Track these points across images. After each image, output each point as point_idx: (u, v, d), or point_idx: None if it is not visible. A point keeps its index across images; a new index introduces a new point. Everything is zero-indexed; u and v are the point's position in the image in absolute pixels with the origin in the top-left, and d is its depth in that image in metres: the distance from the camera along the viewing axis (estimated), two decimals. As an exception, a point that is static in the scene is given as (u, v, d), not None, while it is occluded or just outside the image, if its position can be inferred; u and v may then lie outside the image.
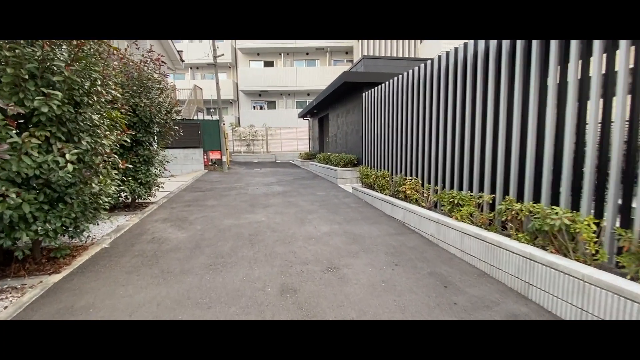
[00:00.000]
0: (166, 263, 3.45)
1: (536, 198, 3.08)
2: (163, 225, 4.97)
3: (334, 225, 4.83)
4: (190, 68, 25.22)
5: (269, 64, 23.63)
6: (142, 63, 5.55)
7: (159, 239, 4.30)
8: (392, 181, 5.79)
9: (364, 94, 7.28)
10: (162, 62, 15.69)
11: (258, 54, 23.69)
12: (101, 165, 3.24)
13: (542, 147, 3.02)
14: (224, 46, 22.18)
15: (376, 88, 6.63)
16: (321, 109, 13.77)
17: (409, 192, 4.95)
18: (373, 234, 4.43)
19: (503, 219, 3.18)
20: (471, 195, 3.77)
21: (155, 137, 6.12)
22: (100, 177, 3.30)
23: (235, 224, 5.00)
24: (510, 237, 3.07)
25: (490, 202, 3.52)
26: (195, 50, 22.56)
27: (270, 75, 21.96)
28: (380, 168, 6.51)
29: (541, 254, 2.62)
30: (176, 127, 6.39)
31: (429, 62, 4.77)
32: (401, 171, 5.62)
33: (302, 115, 17.16)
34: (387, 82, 6.12)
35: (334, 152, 11.90)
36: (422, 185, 4.96)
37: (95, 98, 3.15)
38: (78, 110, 2.98)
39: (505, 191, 3.40)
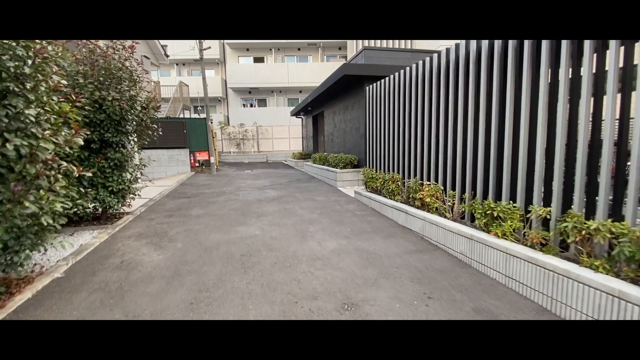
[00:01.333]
0: (133, 302, 2.65)
1: (615, 214, 2.41)
2: (137, 243, 4.15)
3: (341, 240, 4.10)
4: (177, 64, 24.07)
5: (259, 60, 22.69)
6: (111, 49, 4.68)
7: (130, 263, 3.49)
8: (405, 186, 5.08)
9: (367, 88, 6.55)
10: (145, 56, 14.58)
11: (247, 50, 22.73)
12: (42, 175, 2.42)
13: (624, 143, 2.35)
14: (212, 41, 21.15)
15: (382, 81, 5.92)
16: (316, 106, 13.01)
17: (428, 199, 4.25)
18: (390, 251, 3.71)
19: (569, 240, 2.49)
20: (514, 207, 3.08)
21: (130, 138, 5.26)
22: (42, 191, 2.48)
23: (225, 239, 4.21)
24: (579, 263, 2.39)
25: (545, 216, 2.83)
26: (181, 45, 21.46)
27: (260, 72, 21.04)
28: (388, 170, 5.81)
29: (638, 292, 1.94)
30: (154, 126, 5.54)
31: (452, 48, 4.07)
32: (415, 175, 4.92)
33: (295, 113, 16.35)
34: (395, 75, 5.41)
35: (331, 151, 11.17)
36: (444, 192, 4.26)
37: (30, 85, 2.32)
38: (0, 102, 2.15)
39: (566, 204, 2.72)
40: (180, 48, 21.03)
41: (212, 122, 13.55)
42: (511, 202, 3.17)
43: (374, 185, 6.07)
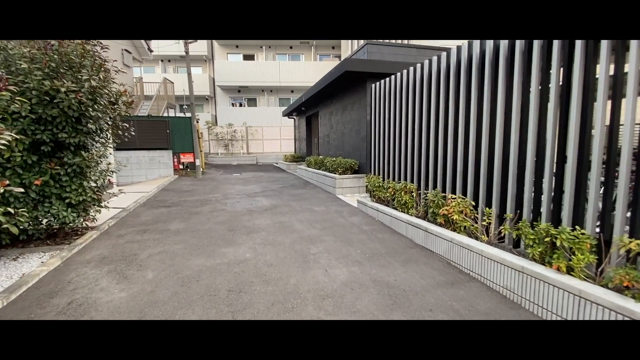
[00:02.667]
0: (70, 378, 1.82)
1: None
2: (96, 271, 3.29)
3: (352, 267, 3.35)
4: (161, 60, 22.93)
5: (249, 58, 21.78)
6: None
7: (81, 304, 2.65)
8: (422, 198, 4.38)
9: (372, 86, 5.84)
10: (126, 50, 13.58)
11: (237, 46, 21.80)
12: None
13: None
14: (199, 37, 20.12)
15: (390, 79, 5.22)
16: (310, 106, 12.26)
17: (455, 217, 3.54)
18: (415, 283, 2.98)
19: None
20: (582, 234, 2.40)
21: (97, 138, 4.38)
22: None
23: (208, 266, 3.40)
24: None
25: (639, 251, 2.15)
26: (166, 40, 20.35)
27: (250, 70, 20.14)
28: (399, 178, 5.10)
29: None
30: (125, 125, 4.67)
31: (476, 42, 3.39)
32: (435, 185, 4.22)
33: (288, 114, 15.55)
34: (409, 70, 4.72)
35: (327, 154, 10.43)
36: (475, 208, 3.57)
37: None
38: None
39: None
40: (165, 43, 19.95)
41: (198, 122, 12.63)
42: (577, 228, 2.48)
43: (381, 195, 5.36)
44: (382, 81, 5.47)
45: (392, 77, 5.13)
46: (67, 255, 3.68)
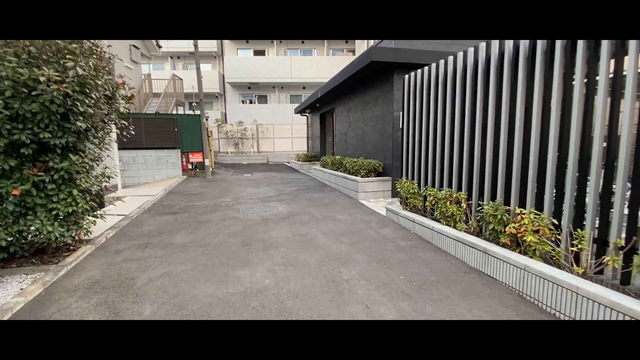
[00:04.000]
0: None
1: None
2: (82, 304, 2.66)
3: (399, 302, 2.64)
4: (171, 57, 22.51)
5: (259, 53, 21.14)
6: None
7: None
8: (477, 211, 3.64)
9: (405, 77, 5.09)
10: (134, 45, 13.11)
11: (247, 42, 21.18)
12: None
13: None
14: (208, 32, 19.56)
15: (428, 68, 4.47)
16: (326, 102, 11.53)
17: (529, 238, 2.80)
18: (488, 329, 2.25)
19: None
20: None
21: (92, 138, 3.77)
22: None
23: (219, 297, 2.74)
24: None
25: None
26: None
27: (261, 66, 19.50)
28: (440, 184, 4.35)
29: None
30: (124, 122, 4.05)
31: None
32: (494, 196, 3.47)
33: (300, 111, 14.87)
34: (454, 57, 3.96)
35: (344, 154, 9.71)
36: (557, 227, 2.82)
37: None
38: None
39: None
40: (175, 40, 19.46)
41: (207, 120, 12.05)
42: None
43: (417, 204, 4.63)
44: (419, 71, 4.72)
45: (433, 65, 4.38)
46: (51, 279, 3.07)
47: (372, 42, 16.37)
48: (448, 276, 3.13)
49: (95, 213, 3.90)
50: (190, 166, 11.60)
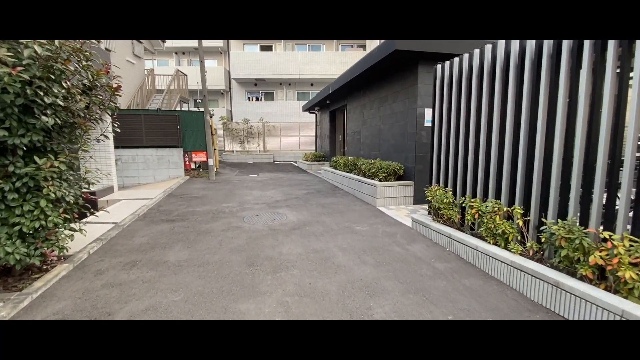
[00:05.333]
0: None
1: None
2: (37, 355, 2.02)
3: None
4: (175, 53, 21.98)
5: (266, 48, 20.46)
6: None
7: None
8: (536, 229, 2.92)
9: (437, 67, 4.38)
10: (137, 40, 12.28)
11: (253, 38, 20.52)
12: None
13: None
14: (214, 27, 18.95)
15: (469, 57, 3.76)
16: (337, 98, 10.83)
17: (626, 274, 2.10)
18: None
19: None
20: None
21: (68, 136, 3.14)
22: None
23: (215, 346, 2.08)
24: None
25: None
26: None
27: (267, 61, 18.83)
28: (482, 194, 3.64)
29: None
30: (104, 119, 3.42)
31: None
32: (564, 212, 2.75)
33: (309, 108, 14.18)
34: (507, 43, 3.24)
35: (357, 154, 9.01)
36: (672, 261, 2.10)
37: None
38: None
39: None
40: (179, 34, 18.87)
41: (212, 117, 11.44)
42: None
43: (453, 216, 3.92)
44: (455, 60, 4.00)
45: (475, 52, 3.66)
46: (8, 314, 2.44)
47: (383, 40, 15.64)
48: (508, 317, 2.43)
49: (73, 226, 3.28)
50: (193, 166, 11.00)
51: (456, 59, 3.99)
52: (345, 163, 8.30)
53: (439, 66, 4.34)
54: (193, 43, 19.58)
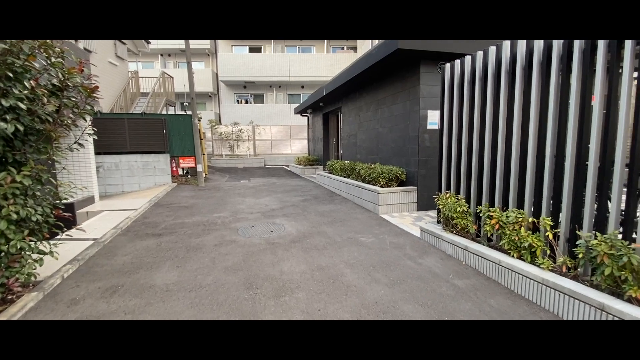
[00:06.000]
0: None
1: None
2: None
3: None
4: (161, 55, 21.30)
5: (255, 50, 20.02)
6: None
7: None
8: (568, 242, 2.65)
9: (446, 67, 4.12)
10: (120, 40, 11.81)
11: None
12: None
13: None
14: (201, 28, 18.40)
15: (483, 55, 3.50)
16: (331, 100, 10.53)
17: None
18: None
19: None
20: None
21: (34, 145, 2.69)
22: None
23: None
24: None
25: None
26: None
27: (257, 64, 18.40)
28: (501, 203, 3.37)
29: None
30: (76, 122, 2.98)
31: None
32: (597, 223, 2.48)
33: (301, 111, 13.83)
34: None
35: (353, 158, 8.71)
36: None
37: None
38: None
39: None
40: (164, 35, 18.25)
41: (200, 120, 10.95)
42: None
43: (468, 226, 3.63)
44: (467, 59, 3.74)
45: (490, 50, 3.39)
46: (-45, 365, 1.99)
47: (376, 42, 15.46)
48: (552, 346, 2.13)
49: (42, 248, 2.83)
50: (180, 172, 10.48)
51: (468, 57, 3.72)
52: (342, 167, 7.98)
53: (447, 65, 4.07)
54: (179, 44, 18.99)
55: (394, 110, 6.42)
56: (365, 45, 17.22)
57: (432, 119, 5.57)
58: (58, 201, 2.93)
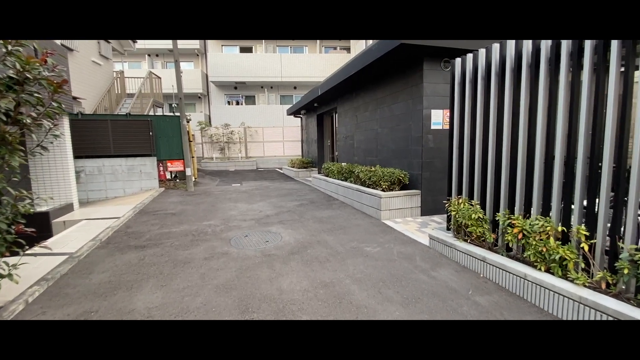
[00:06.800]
0: None
1: None
2: None
3: None
4: (148, 55, 20.65)
5: (246, 50, 19.56)
6: None
7: None
8: (605, 254, 2.34)
9: (456, 61, 3.81)
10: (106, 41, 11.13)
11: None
12: None
13: None
14: (190, 27, 17.86)
15: (499, 48, 3.20)
16: (325, 101, 10.19)
17: None
18: None
19: None
20: None
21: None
22: None
23: None
24: None
25: None
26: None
27: (248, 64, 17.95)
28: (518, 208, 3.06)
29: None
30: (47, 122, 2.56)
31: None
32: (646, 235, 2.19)
33: (294, 112, 13.47)
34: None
35: (350, 160, 8.38)
36: None
37: None
38: None
39: None
40: (152, 34, 17.66)
41: (189, 122, 10.48)
42: None
43: (485, 234, 3.32)
44: (480, 52, 3.44)
45: (509, 43, 3.09)
46: None
47: (370, 42, 15.21)
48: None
49: (0, 271, 2.39)
50: (168, 176, 9.98)
51: (482, 51, 3.42)
52: (340, 170, 7.63)
53: (458, 60, 3.77)
54: (167, 44, 18.41)
55: (394, 110, 6.11)
56: (358, 45, 16.98)
57: (436, 118, 5.27)
58: (18, 216, 2.48)
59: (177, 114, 10.45)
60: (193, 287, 3.06)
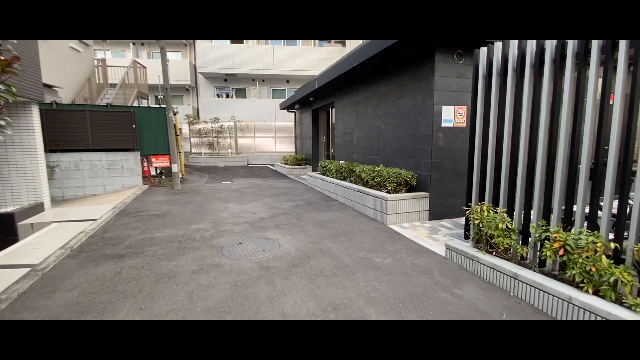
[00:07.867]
0: None
1: None
2: None
3: None
4: (133, 43, 19.63)
5: (237, 41, 18.80)
6: None
7: None
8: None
9: (481, 51, 3.39)
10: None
11: (222, 29, 18.77)
12: None
13: None
14: (178, 15, 16.98)
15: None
16: (321, 95, 9.70)
17: None
18: None
19: None
20: None
21: None
22: None
23: None
24: None
25: None
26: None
27: (239, 55, 17.22)
28: (556, 218, 2.68)
29: None
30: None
31: None
32: None
33: (287, 106, 12.92)
34: None
35: (348, 159, 7.95)
36: None
37: None
38: None
39: None
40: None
41: (176, 114, 9.82)
42: None
43: (516, 249, 2.94)
44: (513, 42, 3.02)
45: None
46: None
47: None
48: None
49: None
50: (153, 172, 9.33)
51: (513, 42, 3.01)
52: (338, 169, 7.19)
53: (483, 50, 3.35)
54: (153, 32, 17.46)
55: (400, 106, 5.68)
56: (354, 40, 16.48)
57: (447, 115, 4.87)
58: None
59: (163, 106, 9.78)
60: (179, 310, 2.57)
